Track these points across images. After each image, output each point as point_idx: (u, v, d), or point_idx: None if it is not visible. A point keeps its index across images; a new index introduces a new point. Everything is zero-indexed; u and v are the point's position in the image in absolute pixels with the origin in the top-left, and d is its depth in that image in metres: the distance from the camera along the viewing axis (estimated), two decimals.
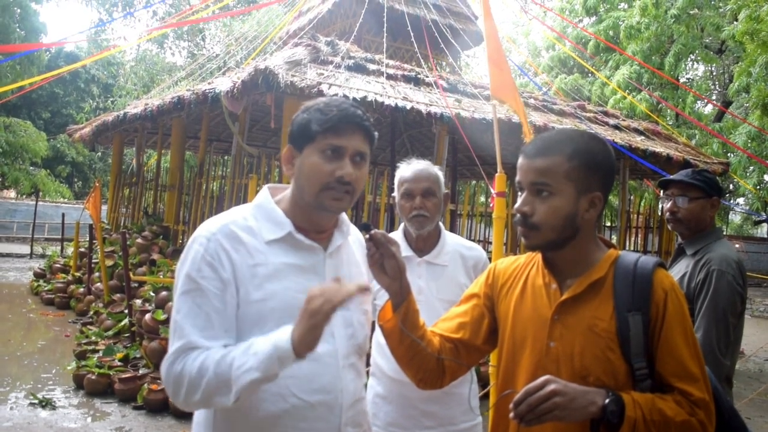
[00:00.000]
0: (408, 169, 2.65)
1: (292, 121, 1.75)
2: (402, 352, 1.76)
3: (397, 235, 2.72)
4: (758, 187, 17.47)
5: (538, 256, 1.78)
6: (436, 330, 1.84)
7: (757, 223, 30.32)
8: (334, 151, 1.65)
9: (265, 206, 1.75)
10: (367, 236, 1.66)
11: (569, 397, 1.48)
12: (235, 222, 1.69)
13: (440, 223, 2.72)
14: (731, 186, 21.80)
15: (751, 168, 17.32)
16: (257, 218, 1.72)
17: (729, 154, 16.60)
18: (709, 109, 22.63)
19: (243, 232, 1.68)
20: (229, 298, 1.62)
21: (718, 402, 1.62)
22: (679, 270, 3.05)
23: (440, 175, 2.70)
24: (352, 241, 1.90)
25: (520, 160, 1.69)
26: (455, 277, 2.63)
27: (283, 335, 1.48)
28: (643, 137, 10.41)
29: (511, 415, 1.49)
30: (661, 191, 3.21)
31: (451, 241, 2.72)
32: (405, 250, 2.62)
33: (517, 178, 1.70)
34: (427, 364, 1.77)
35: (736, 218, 33.39)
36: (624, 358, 1.58)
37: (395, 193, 2.69)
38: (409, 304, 1.71)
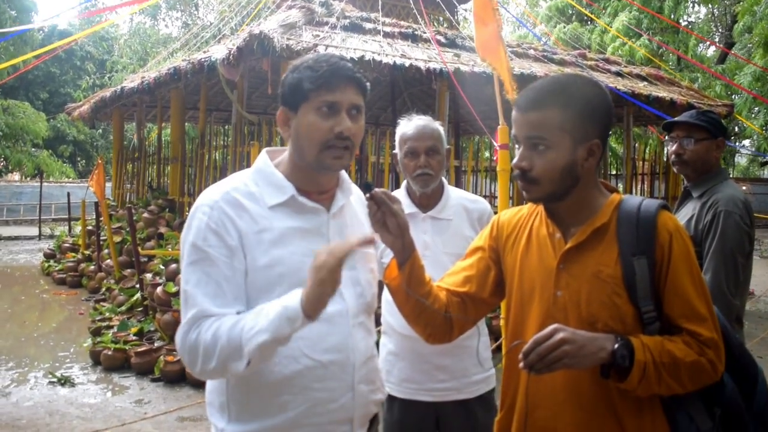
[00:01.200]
0: (409, 126, 2.62)
1: (282, 81, 1.72)
2: (409, 310, 1.76)
3: (400, 193, 2.70)
4: (764, 128, 17.32)
5: (540, 206, 1.77)
6: (442, 285, 1.84)
7: (764, 164, 30.11)
8: (330, 107, 1.63)
9: (264, 170, 1.74)
10: (368, 195, 1.64)
11: (578, 344, 1.47)
12: (236, 188, 1.68)
13: (443, 178, 2.70)
14: (736, 128, 21.61)
15: (756, 109, 17.17)
16: (258, 183, 1.71)
17: (733, 96, 16.42)
18: (711, 51, 22.32)
19: (245, 198, 1.67)
20: (237, 264, 1.61)
21: (727, 341, 1.62)
22: (685, 213, 3.04)
23: (442, 130, 2.67)
24: (355, 200, 1.88)
25: (514, 114, 1.66)
26: (460, 230, 2.62)
27: (293, 296, 1.49)
28: (645, 83, 10.30)
29: (521, 365, 1.49)
30: (666, 134, 3.17)
31: (454, 195, 2.70)
32: (409, 207, 2.60)
33: (513, 131, 1.67)
34: (434, 319, 1.77)
35: (742, 160, 33.19)
36: (631, 303, 1.57)
37: (397, 150, 2.67)
38: (413, 260, 1.70)
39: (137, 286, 8.04)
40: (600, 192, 1.69)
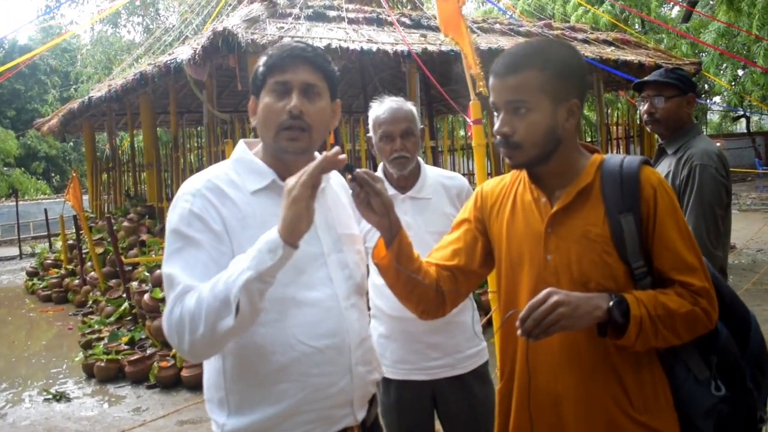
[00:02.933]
0: (382, 108, 2.60)
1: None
2: (400, 288, 1.75)
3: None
4: (733, 83, 17.49)
5: (523, 173, 1.76)
6: (431, 260, 1.83)
7: (736, 119, 30.44)
8: (281, 86, 1.63)
9: (244, 158, 1.73)
10: (350, 177, 1.63)
11: (573, 305, 1.48)
12: (217, 176, 1.67)
13: (419, 158, 2.69)
14: (706, 86, 21.81)
15: (724, 65, 17.31)
16: (238, 172, 1.70)
17: (700, 54, 16.55)
18: (675, 12, 22.44)
19: (227, 185, 1.65)
20: (224, 249, 1.58)
21: (718, 289, 1.63)
22: (661, 170, 3.06)
23: (415, 110, 2.66)
24: (335, 183, 1.87)
25: (492, 80, 1.65)
26: (440, 208, 2.62)
27: (270, 231, 1.46)
28: (612, 48, 10.34)
29: (519, 332, 1.49)
30: (637, 95, 3.19)
31: (431, 173, 2.70)
32: (387, 189, 2.59)
33: (491, 99, 1.67)
34: (426, 295, 1.76)
35: (714, 117, 33.53)
36: (621, 260, 1.58)
37: (371, 134, 2.65)
38: (401, 238, 1.69)
39: (124, 295, 7.98)
40: (581, 153, 1.70)
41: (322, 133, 1.71)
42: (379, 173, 2.71)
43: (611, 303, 1.50)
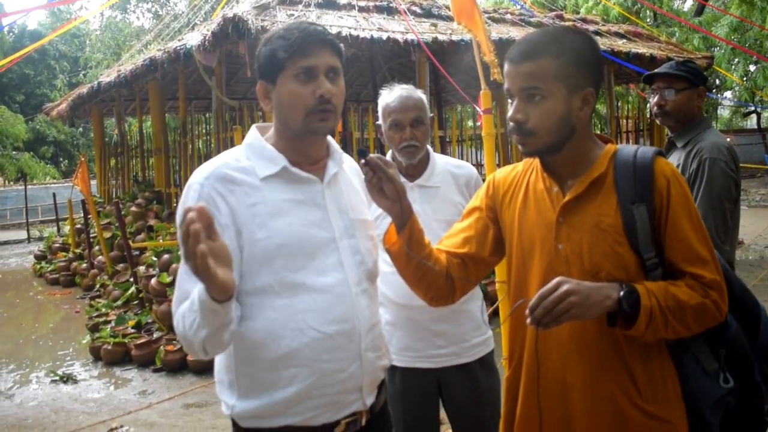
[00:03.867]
0: (392, 96, 2.59)
1: (256, 56, 1.71)
2: (410, 273, 1.76)
3: None
4: (744, 78, 17.34)
5: (536, 162, 1.76)
6: (441, 247, 1.83)
7: (747, 114, 30.22)
8: (307, 72, 1.63)
9: (255, 144, 1.73)
10: (363, 162, 1.63)
11: (583, 294, 1.48)
12: (227, 164, 1.67)
13: (428, 146, 2.68)
14: (717, 81, 21.64)
15: (736, 60, 17.17)
16: (249, 157, 1.70)
17: (712, 49, 16.42)
18: (688, 5, 22.27)
19: (237, 172, 1.65)
20: (227, 241, 1.59)
21: (729, 281, 1.63)
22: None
23: (425, 98, 2.65)
24: (348, 168, 1.88)
25: (507, 67, 1.65)
26: (449, 196, 2.62)
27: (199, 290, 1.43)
28: (624, 40, 10.28)
29: (528, 320, 1.49)
30: (648, 88, 3.18)
31: (440, 162, 2.69)
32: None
33: (506, 85, 1.66)
34: (436, 282, 1.77)
35: (724, 112, 33.29)
36: (633, 250, 1.58)
37: (380, 122, 2.64)
38: (412, 224, 1.70)
39: (131, 279, 8.02)
40: (595, 143, 1.69)
41: (341, 112, 1.72)
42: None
43: (621, 293, 1.50)
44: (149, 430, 4.69)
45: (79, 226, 11.79)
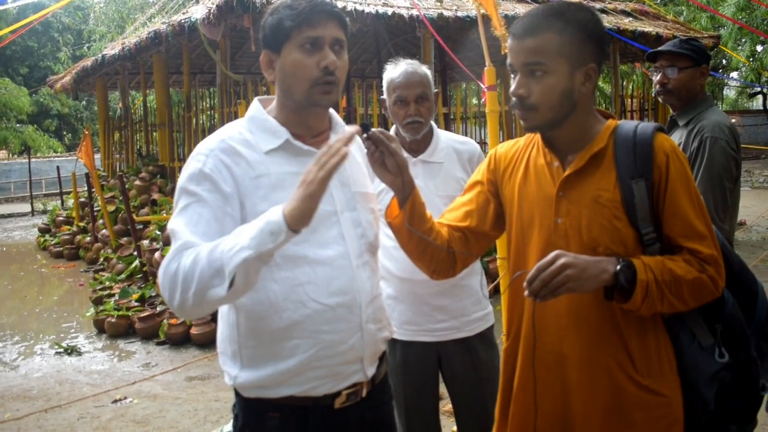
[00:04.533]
0: (397, 71, 2.59)
1: (261, 25, 1.70)
2: (412, 247, 1.78)
3: None
4: (751, 58, 17.22)
5: (537, 137, 1.77)
6: (443, 221, 1.85)
7: (753, 95, 30.04)
8: (313, 43, 1.62)
9: (258, 117, 1.73)
10: (366, 136, 1.64)
11: (580, 267, 1.49)
12: (231, 137, 1.67)
13: (432, 122, 2.69)
14: (723, 61, 21.49)
15: (743, 40, 17.04)
16: (252, 131, 1.70)
17: (719, 28, 16.29)
18: None
19: (240, 145, 1.66)
20: (230, 210, 1.59)
21: (727, 257, 1.64)
22: None
23: (429, 74, 2.65)
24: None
25: (510, 42, 1.65)
26: (452, 172, 2.63)
27: (274, 210, 1.45)
28: (630, 18, 10.20)
29: (526, 293, 1.51)
30: (652, 66, 3.17)
31: (444, 137, 2.70)
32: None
33: (509, 60, 1.66)
34: (438, 255, 1.79)
35: (730, 93, 33.09)
36: (631, 225, 1.59)
37: (384, 96, 2.64)
38: (414, 198, 1.71)
39: (135, 253, 8.06)
40: (596, 119, 1.70)
41: (343, 87, 1.72)
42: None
43: (618, 267, 1.52)
44: (152, 402, 4.75)
45: (83, 199, 11.83)
